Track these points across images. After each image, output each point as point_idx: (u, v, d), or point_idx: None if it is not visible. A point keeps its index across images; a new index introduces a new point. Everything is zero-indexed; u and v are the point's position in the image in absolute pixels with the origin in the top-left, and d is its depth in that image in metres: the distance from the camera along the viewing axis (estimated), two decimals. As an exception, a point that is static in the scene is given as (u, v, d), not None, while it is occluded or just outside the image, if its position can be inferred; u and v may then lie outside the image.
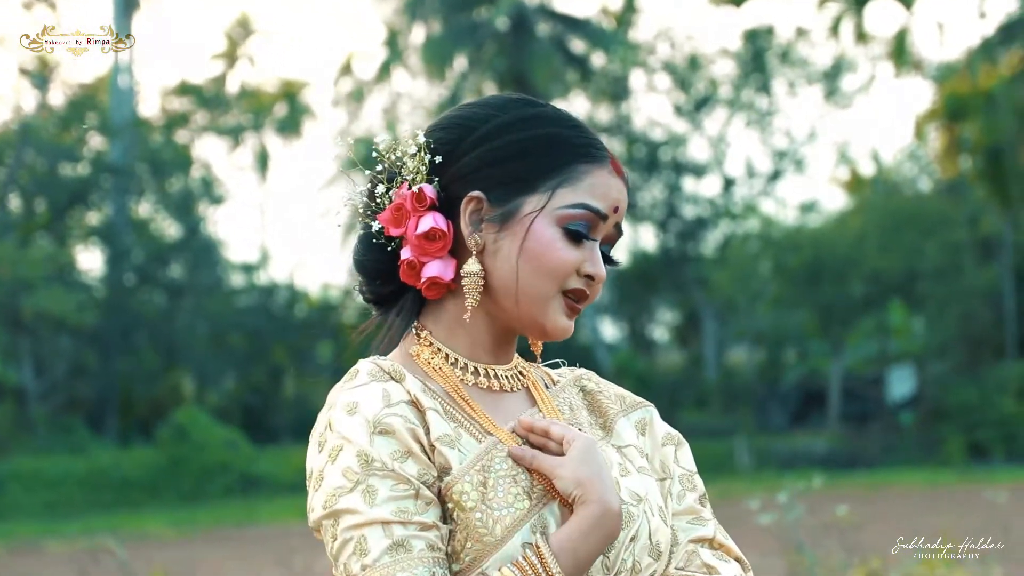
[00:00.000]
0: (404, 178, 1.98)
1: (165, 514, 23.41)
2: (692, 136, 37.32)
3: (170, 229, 34.24)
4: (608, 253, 2.00)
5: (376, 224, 1.99)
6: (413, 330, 2.01)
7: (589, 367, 2.18)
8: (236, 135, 39.85)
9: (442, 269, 1.95)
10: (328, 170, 39.70)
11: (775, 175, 37.59)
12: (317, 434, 1.89)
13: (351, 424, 1.85)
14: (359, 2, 62.44)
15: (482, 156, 1.95)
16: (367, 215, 2.01)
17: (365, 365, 1.92)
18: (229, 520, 22.73)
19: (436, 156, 1.97)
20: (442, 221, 1.95)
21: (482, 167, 1.95)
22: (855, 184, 38.03)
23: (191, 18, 65.39)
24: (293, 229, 63.99)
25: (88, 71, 35.64)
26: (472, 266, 1.94)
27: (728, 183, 37.46)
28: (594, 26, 34.17)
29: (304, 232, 62.51)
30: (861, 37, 34.70)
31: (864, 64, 38.05)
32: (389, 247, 1.99)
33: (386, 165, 2.00)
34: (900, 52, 33.88)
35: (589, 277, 1.95)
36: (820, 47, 40.37)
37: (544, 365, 2.12)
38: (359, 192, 2.03)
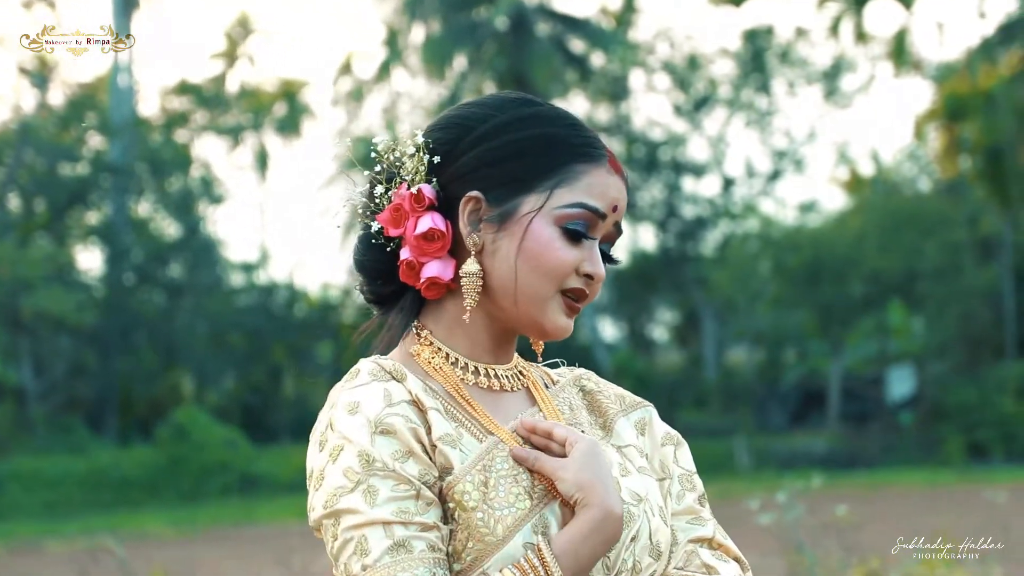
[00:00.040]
0: (403, 178, 1.98)
1: (165, 514, 23.40)
2: (692, 136, 37.32)
3: (170, 229, 34.22)
4: (608, 252, 2.00)
5: (375, 224, 1.99)
6: (413, 329, 2.01)
7: (588, 367, 2.17)
8: (236, 135, 39.82)
9: (441, 269, 1.95)
10: (328, 170, 39.71)
11: (775, 175, 37.58)
12: (318, 433, 1.89)
13: (352, 424, 1.85)
14: (359, 2, 62.41)
15: (480, 156, 1.95)
16: (366, 215, 2.01)
17: (366, 364, 1.92)
18: (228, 520, 22.73)
19: (434, 156, 1.97)
20: (441, 221, 1.95)
21: (480, 167, 1.95)
22: (855, 184, 38.02)
23: (191, 17, 65.37)
24: (293, 229, 63.96)
25: (88, 71, 35.63)
26: (471, 266, 1.94)
27: (728, 183, 37.45)
28: (593, 26, 34.17)
29: (304, 232, 62.48)
30: (861, 37, 34.70)
31: (864, 64, 38.07)
32: (388, 247, 1.99)
33: (385, 166, 2.00)
34: (900, 52, 33.88)
35: (588, 276, 1.95)
36: (820, 47, 40.39)
37: (543, 365, 2.12)
38: (358, 192, 2.03)
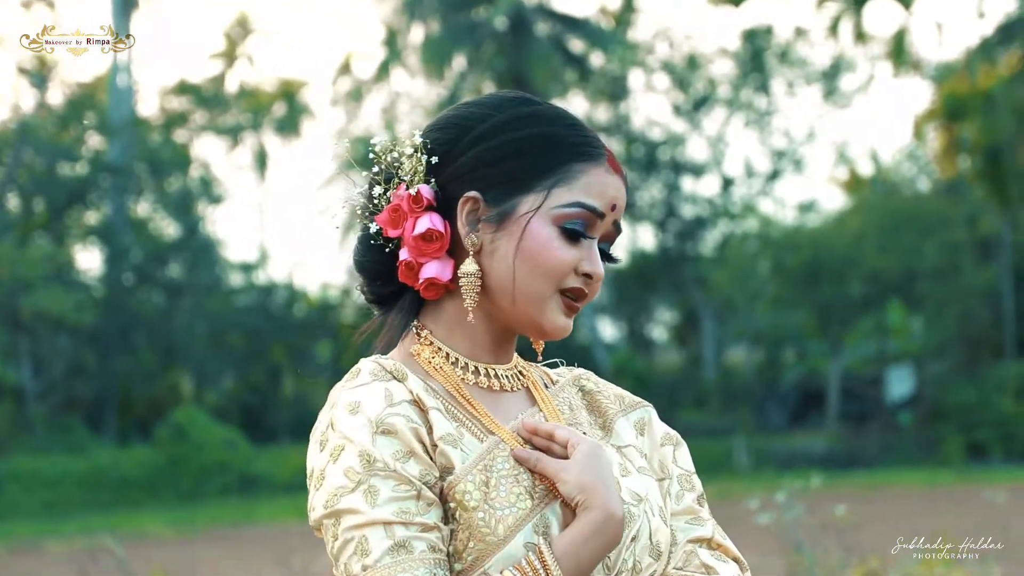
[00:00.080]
0: (401, 179, 1.98)
1: (164, 513, 23.40)
2: (691, 136, 37.32)
3: (169, 229, 34.22)
4: (607, 251, 1.99)
5: (374, 225, 1.99)
6: (413, 329, 2.00)
7: (588, 367, 2.17)
8: (235, 134, 39.82)
9: (440, 270, 1.95)
10: (327, 170, 39.69)
11: (774, 175, 37.58)
12: (318, 433, 1.89)
13: (353, 424, 1.84)
14: (358, 2, 62.41)
15: (478, 156, 1.95)
16: (365, 216, 2.01)
17: (367, 364, 1.91)
18: (228, 519, 22.73)
19: (433, 156, 1.97)
20: (439, 222, 1.95)
21: (478, 167, 1.94)
22: (854, 184, 38.03)
23: (190, 17, 65.36)
24: (292, 229, 64.01)
25: (87, 70, 35.63)
26: (469, 266, 1.94)
27: (727, 183, 37.45)
28: (593, 26, 34.18)
29: (303, 232, 62.48)
30: (860, 37, 34.71)
31: (863, 64, 38.08)
32: (387, 248, 1.99)
33: (383, 166, 2.00)
34: (899, 52, 33.89)
35: (587, 276, 1.95)
36: (819, 47, 40.38)
37: (542, 365, 2.12)
38: (357, 193, 2.03)
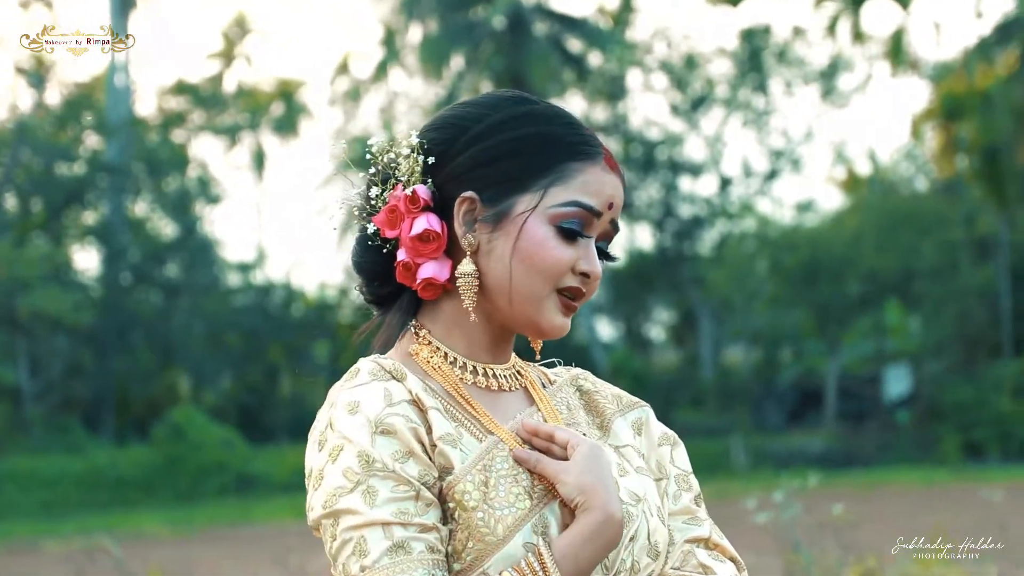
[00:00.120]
0: (398, 179, 1.98)
1: (161, 513, 23.39)
2: (689, 135, 37.31)
3: (166, 228, 34.20)
4: (605, 249, 1.99)
5: (371, 226, 1.99)
6: (412, 329, 2.00)
7: (585, 366, 2.17)
8: (233, 134, 39.81)
9: (437, 270, 1.95)
10: (325, 169, 39.69)
11: (772, 174, 37.58)
12: (317, 432, 1.88)
13: (352, 423, 1.84)
14: (356, 2, 62.41)
15: (475, 156, 1.95)
16: (363, 217, 2.01)
17: (366, 364, 1.91)
18: (225, 519, 22.71)
19: (429, 157, 1.97)
20: (436, 222, 1.95)
21: (475, 167, 1.94)
22: (852, 183, 38.05)
23: (188, 17, 65.37)
24: (290, 228, 64.00)
25: (84, 70, 35.62)
26: (466, 267, 1.94)
27: (725, 182, 37.45)
28: (591, 25, 34.19)
29: (301, 231, 62.47)
30: (858, 37, 34.72)
31: (861, 63, 38.10)
32: (385, 249, 1.99)
33: (380, 167, 2.00)
34: (897, 51, 33.90)
35: (584, 275, 1.95)
36: (817, 47, 40.36)
37: (540, 364, 2.12)
38: (354, 194, 2.03)
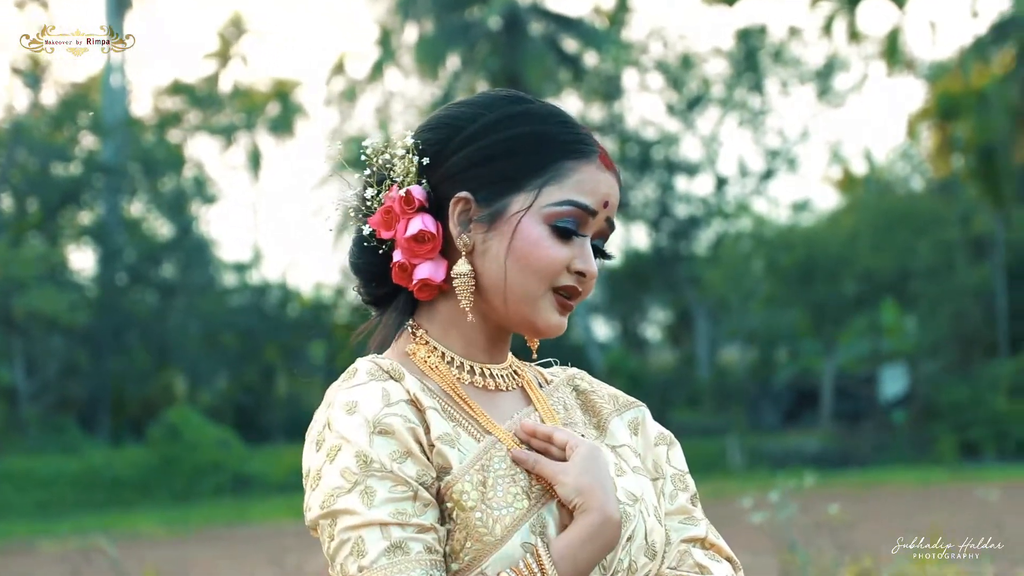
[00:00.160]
0: (393, 180, 1.98)
1: (157, 513, 23.38)
2: (685, 135, 37.33)
3: (162, 229, 34.20)
4: (601, 247, 1.99)
5: (367, 227, 1.99)
6: (409, 328, 2.00)
7: (581, 366, 2.18)
8: (229, 134, 39.81)
9: (433, 271, 1.95)
10: (321, 170, 39.68)
11: (767, 174, 37.60)
12: (315, 432, 1.88)
13: (350, 424, 1.84)
14: (352, 1, 62.42)
15: (469, 156, 1.94)
16: (359, 218, 2.01)
17: (364, 364, 1.91)
18: (221, 519, 22.71)
19: (424, 157, 1.96)
20: (431, 223, 1.95)
21: (469, 167, 1.94)
22: (847, 183, 38.07)
23: (184, 17, 65.34)
24: (286, 228, 64.01)
25: (80, 70, 35.60)
26: (462, 267, 1.93)
27: (721, 182, 37.47)
28: (587, 25, 34.19)
29: (297, 232, 62.44)
30: (854, 36, 34.74)
31: (857, 63, 38.08)
32: (381, 250, 1.99)
33: (375, 168, 2.00)
34: (892, 51, 33.92)
35: (580, 274, 1.94)
36: (813, 46, 40.51)
37: (536, 364, 2.12)
38: (350, 195, 2.03)
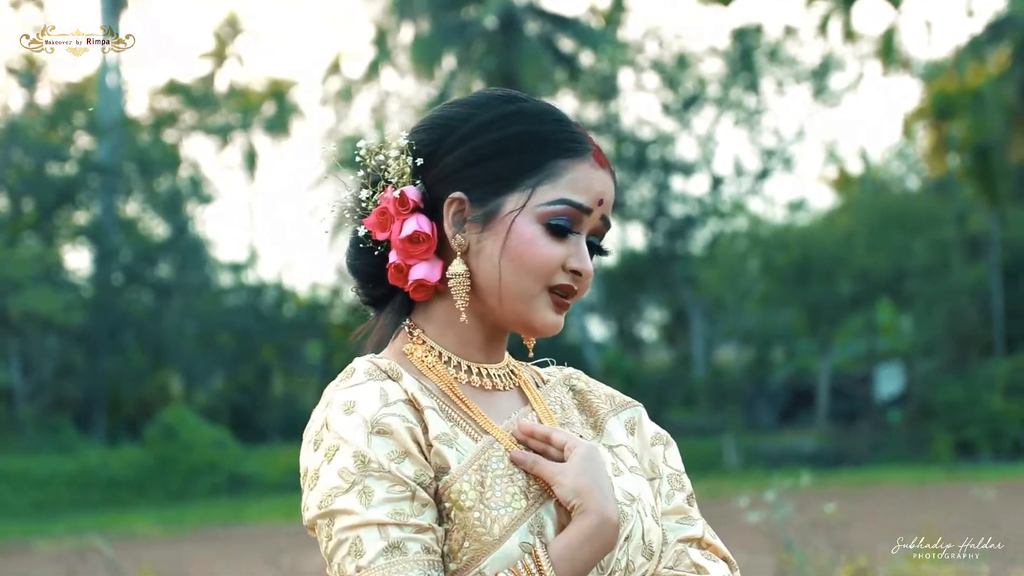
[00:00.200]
0: (388, 181, 1.98)
1: (153, 513, 23.37)
2: (680, 135, 37.34)
3: (158, 228, 34.18)
4: (598, 244, 1.99)
5: (362, 229, 1.99)
6: (406, 328, 2.00)
7: (577, 366, 2.18)
8: (224, 134, 39.79)
9: (428, 271, 1.95)
10: (316, 169, 39.68)
11: (763, 174, 37.61)
12: (312, 432, 1.88)
13: (348, 424, 1.84)
14: (347, 1, 62.43)
15: (463, 156, 1.94)
16: (354, 219, 2.01)
17: (361, 364, 1.91)
18: (217, 519, 22.70)
19: (418, 158, 1.97)
20: (426, 223, 1.95)
21: (463, 167, 1.94)
22: (843, 182, 38.07)
23: (180, 17, 65.29)
24: (282, 228, 63.96)
25: (76, 70, 35.58)
26: (457, 267, 1.94)
27: (716, 182, 37.48)
28: (583, 25, 34.19)
29: (293, 231, 62.39)
30: (849, 36, 34.75)
31: (852, 63, 38.10)
32: (377, 251, 1.99)
33: (369, 170, 2.00)
34: (888, 50, 33.93)
35: (575, 272, 1.94)
36: (808, 46, 40.47)
37: (533, 364, 2.12)
38: (346, 196, 2.02)
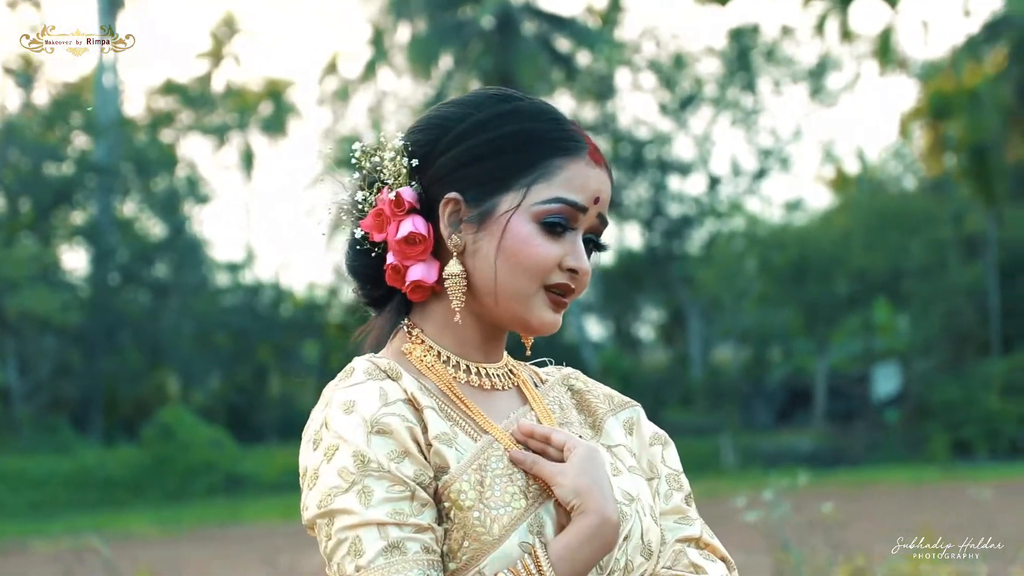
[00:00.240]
0: (384, 182, 1.98)
1: (150, 513, 23.37)
2: (677, 135, 37.34)
3: (155, 228, 34.16)
4: (596, 240, 1.98)
5: (359, 230, 1.99)
6: (405, 328, 2.00)
7: (575, 365, 2.17)
8: (221, 134, 39.77)
9: (425, 272, 1.95)
10: (313, 169, 39.66)
11: (760, 173, 37.62)
12: (312, 432, 1.88)
13: (348, 423, 1.84)
14: (344, 1, 62.41)
15: (458, 156, 1.94)
16: (352, 221, 2.01)
17: (361, 363, 1.90)
18: (214, 519, 22.69)
19: (413, 159, 1.97)
20: (422, 224, 1.95)
21: (458, 168, 1.94)
22: (840, 182, 38.09)
23: (176, 17, 65.27)
24: (278, 228, 63.94)
25: (73, 70, 35.56)
26: (453, 268, 1.93)
27: (713, 181, 37.49)
28: (579, 25, 34.20)
29: (289, 231, 62.39)
30: (846, 35, 34.77)
31: (849, 62, 38.16)
32: (374, 252, 1.99)
33: (365, 172, 2.00)
34: (885, 50, 33.95)
35: (572, 271, 1.94)
36: (805, 45, 40.50)
37: (531, 364, 2.12)
38: (344, 197, 2.02)
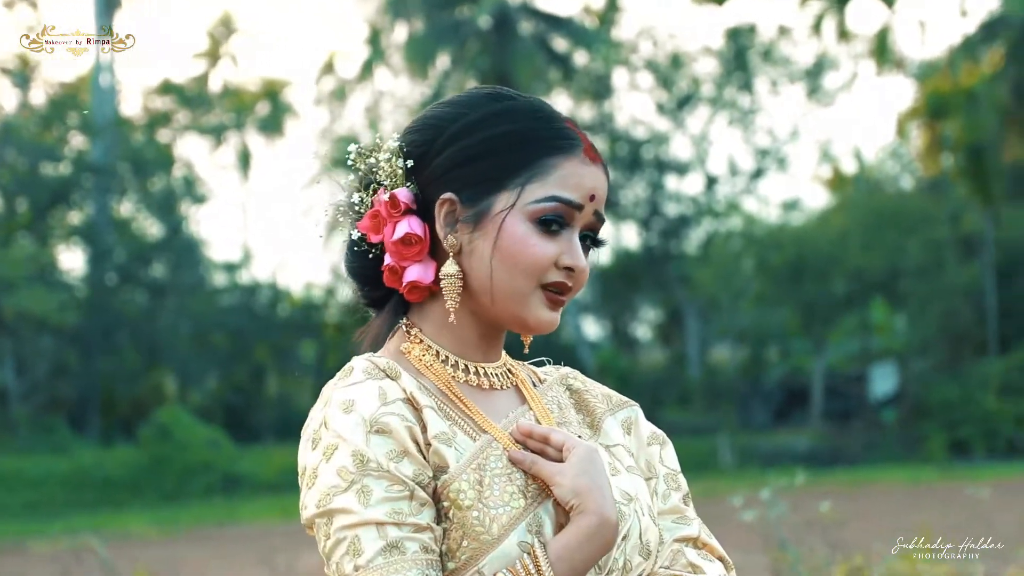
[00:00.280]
0: (380, 183, 1.98)
1: (147, 513, 23.35)
2: (675, 134, 37.35)
3: (152, 228, 34.15)
4: (594, 236, 1.99)
5: (356, 232, 1.99)
6: (403, 327, 2.00)
7: (572, 365, 2.18)
8: (218, 134, 39.75)
9: (422, 273, 1.95)
10: (310, 169, 39.67)
11: (758, 173, 37.63)
12: (311, 431, 1.88)
13: (347, 422, 1.84)
14: (341, 1, 62.36)
15: (452, 157, 1.95)
16: (349, 222, 2.01)
17: (360, 362, 1.91)
18: (211, 519, 22.69)
19: (409, 160, 1.97)
20: (418, 225, 1.95)
21: (453, 168, 1.94)
22: (837, 182, 38.12)
23: (173, 17, 65.21)
24: (275, 228, 63.87)
25: (69, 70, 35.54)
26: (449, 268, 1.94)
27: (711, 181, 37.49)
28: (577, 24, 34.20)
29: (287, 231, 62.36)
30: (843, 35, 34.78)
31: (846, 62, 38.18)
32: (371, 253, 1.99)
33: (361, 173, 2.00)
34: (882, 50, 33.96)
35: (569, 269, 1.94)
36: (802, 45, 40.51)
37: (529, 363, 2.12)
38: (341, 198, 2.02)
